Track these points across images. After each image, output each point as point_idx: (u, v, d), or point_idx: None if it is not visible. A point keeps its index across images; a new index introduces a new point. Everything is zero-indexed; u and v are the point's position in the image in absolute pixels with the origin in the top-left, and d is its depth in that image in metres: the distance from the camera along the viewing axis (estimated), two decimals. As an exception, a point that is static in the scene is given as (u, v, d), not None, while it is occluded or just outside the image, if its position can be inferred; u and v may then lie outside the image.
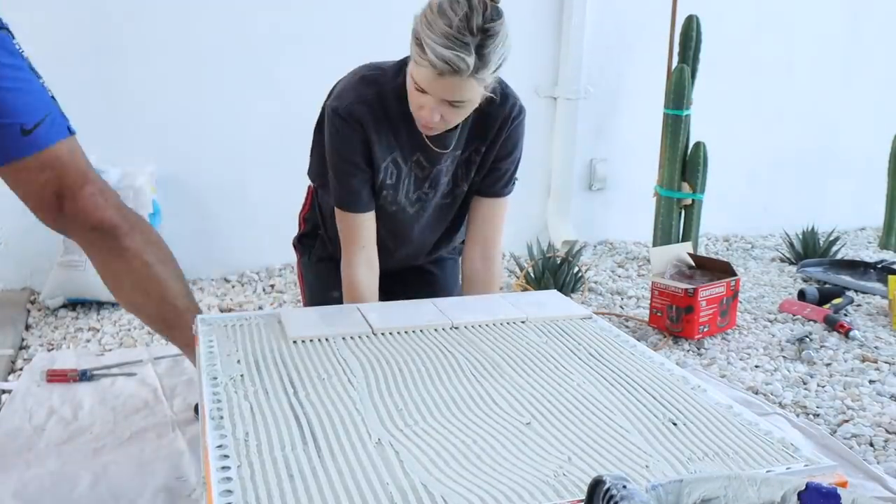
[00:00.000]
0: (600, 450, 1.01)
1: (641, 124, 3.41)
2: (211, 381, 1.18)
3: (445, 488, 0.90)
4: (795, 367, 2.14)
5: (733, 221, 3.83)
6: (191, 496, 1.41)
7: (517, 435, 1.04)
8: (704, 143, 3.06)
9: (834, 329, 2.42)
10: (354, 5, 2.88)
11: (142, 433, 1.64)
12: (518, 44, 3.20)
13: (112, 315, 2.41)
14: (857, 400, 1.93)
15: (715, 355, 2.22)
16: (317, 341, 1.35)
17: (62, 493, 1.41)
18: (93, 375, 1.92)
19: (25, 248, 2.62)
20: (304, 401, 1.12)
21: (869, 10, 3.88)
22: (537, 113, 3.31)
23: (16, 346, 2.14)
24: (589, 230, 3.52)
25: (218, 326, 1.41)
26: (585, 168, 3.46)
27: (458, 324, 1.45)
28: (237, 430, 1.02)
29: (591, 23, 3.25)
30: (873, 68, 3.97)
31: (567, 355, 1.34)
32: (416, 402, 1.13)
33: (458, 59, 1.37)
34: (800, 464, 0.99)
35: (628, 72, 3.43)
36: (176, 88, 2.69)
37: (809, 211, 3.83)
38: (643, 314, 2.56)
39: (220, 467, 0.93)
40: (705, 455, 1.01)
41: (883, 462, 1.64)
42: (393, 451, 0.99)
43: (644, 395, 1.19)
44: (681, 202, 3.12)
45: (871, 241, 3.84)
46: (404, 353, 1.31)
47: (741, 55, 3.65)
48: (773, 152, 3.85)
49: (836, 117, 3.95)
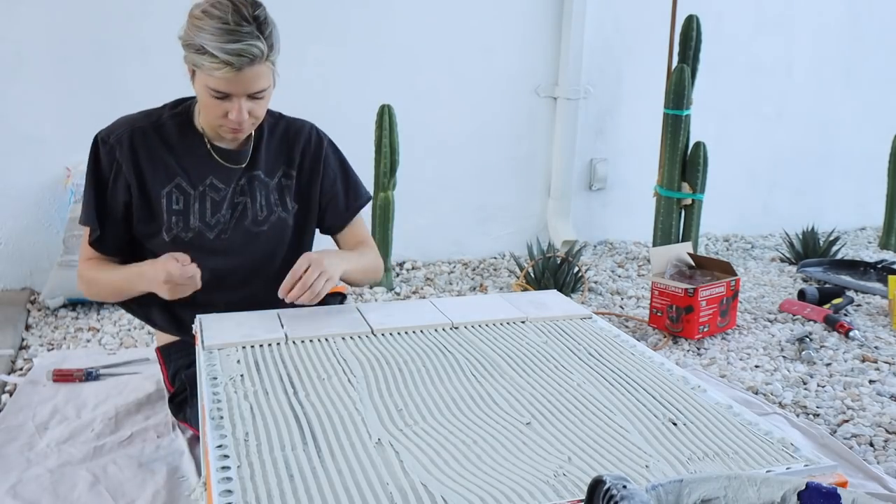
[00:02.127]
0: (600, 450, 1.01)
1: (641, 124, 3.42)
2: (211, 381, 1.18)
3: (445, 488, 0.90)
4: (795, 367, 2.14)
5: (733, 221, 3.83)
6: (191, 496, 1.41)
7: (517, 435, 1.04)
8: (704, 143, 3.06)
9: (834, 329, 2.42)
10: (355, 4, 2.88)
11: (142, 433, 1.64)
12: (518, 44, 3.26)
13: (112, 315, 2.41)
14: (857, 400, 1.93)
15: (715, 355, 2.22)
16: (317, 341, 1.35)
17: (62, 493, 1.41)
18: (99, 375, 1.92)
19: (25, 248, 2.62)
20: (304, 401, 1.12)
21: (869, 10, 3.88)
22: (537, 113, 3.31)
23: (16, 346, 2.14)
24: (589, 230, 3.52)
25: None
26: (585, 168, 3.46)
27: (458, 324, 1.45)
28: (237, 430, 1.02)
29: (591, 23, 3.26)
30: (873, 68, 3.97)
31: (567, 355, 1.34)
32: (416, 402, 1.13)
33: (250, 46, 1.40)
34: (800, 464, 0.99)
35: (628, 72, 3.43)
36: (176, 88, 2.68)
37: (809, 211, 3.83)
38: (643, 314, 2.56)
39: (220, 467, 0.93)
40: (705, 455, 1.01)
41: (883, 462, 1.64)
42: (393, 451, 0.99)
43: (644, 395, 1.19)
44: (681, 202, 3.12)
45: (871, 241, 3.83)
46: (404, 353, 1.31)
47: (741, 55, 3.65)
48: (773, 152, 3.85)
49: (836, 117, 3.95)
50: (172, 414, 1.68)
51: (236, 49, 1.39)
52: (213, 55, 1.39)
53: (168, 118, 1.60)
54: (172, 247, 1.56)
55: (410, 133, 2.82)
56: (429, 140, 3.07)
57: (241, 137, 1.58)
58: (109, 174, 1.56)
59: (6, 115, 2.53)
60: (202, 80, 1.45)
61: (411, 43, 3.01)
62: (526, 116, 3.30)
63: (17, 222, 2.60)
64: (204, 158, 1.59)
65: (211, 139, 1.59)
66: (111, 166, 1.56)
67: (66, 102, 2.59)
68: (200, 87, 1.47)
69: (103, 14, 2.58)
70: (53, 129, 2.58)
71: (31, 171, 2.58)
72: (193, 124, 1.60)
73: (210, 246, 1.60)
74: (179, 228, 1.58)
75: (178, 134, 1.59)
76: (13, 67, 2.52)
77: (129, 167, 1.55)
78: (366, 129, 2.71)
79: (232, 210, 1.61)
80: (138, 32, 2.63)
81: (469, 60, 3.12)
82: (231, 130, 1.52)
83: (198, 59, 1.42)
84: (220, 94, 1.45)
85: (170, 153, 1.58)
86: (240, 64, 1.40)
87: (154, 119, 1.59)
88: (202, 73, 1.44)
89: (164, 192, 1.57)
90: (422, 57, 3.05)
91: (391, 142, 2.69)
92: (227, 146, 1.61)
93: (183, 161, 1.58)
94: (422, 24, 3.01)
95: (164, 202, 1.57)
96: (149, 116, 1.60)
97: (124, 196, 1.56)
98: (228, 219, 1.61)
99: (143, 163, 1.55)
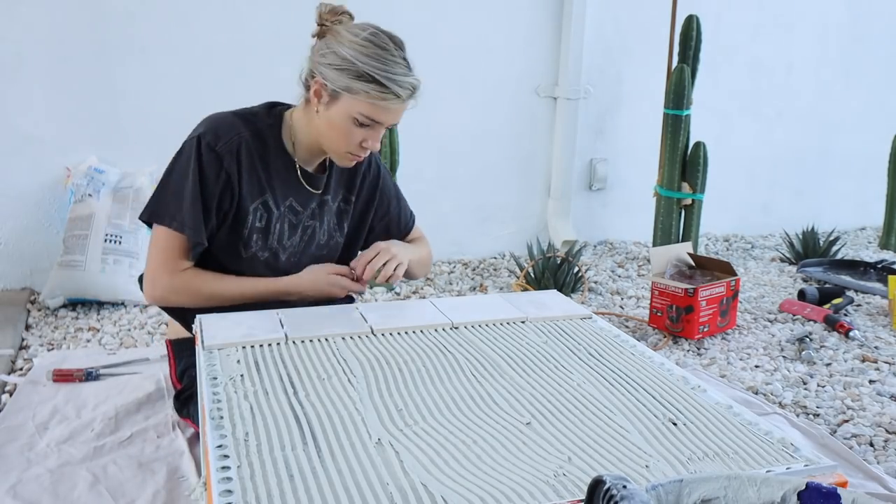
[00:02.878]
0: (600, 450, 1.01)
1: (641, 124, 3.42)
2: (211, 381, 1.18)
3: (445, 488, 0.90)
4: (795, 367, 2.14)
5: (733, 221, 3.84)
6: (191, 496, 1.41)
7: (517, 435, 1.04)
8: (704, 143, 3.06)
9: (834, 329, 2.42)
10: (355, 5, 2.88)
11: (142, 433, 1.64)
12: (518, 44, 3.26)
13: (112, 315, 2.41)
14: (857, 400, 1.93)
15: (715, 355, 2.22)
16: (317, 341, 1.35)
17: (62, 493, 1.41)
18: (99, 375, 1.92)
19: (25, 248, 2.62)
20: (304, 401, 1.12)
21: (869, 11, 3.89)
22: (537, 113, 3.31)
23: (16, 346, 2.14)
24: (589, 230, 3.52)
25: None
26: (585, 168, 3.46)
27: (458, 324, 1.45)
28: (237, 430, 1.02)
29: (591, 23, 3.26)
30: (873, 68, 3.97)
31: (567, 355, 1.34)
32: (416, 402, 1.13)
33: (417, 81, 1.48)
34: (800, 464, 0.99)
35: (628, 72, 3.43)
36: (176, 88, 2.69)
37: (809, 211, 3.84)
38: (643, 314, 2.56)
39: (220, 467, 0.93)
40: (705, 455, 1.01)
41: (883, 462, 1.65)
42: (393, 451, 0.99)
43: (644, 395, 1.19)
44: (681, 202, 3.13)
45: (871, 241, 3.84)
46: (404, 353, 1.31)
47: (741, 55, 3.65)
48: (773, 152, 3.85)
49: (836, 117, 3.95)
50: (175, 410, 1.68)
51: (409, 82, 1.45)
52: (381, 84, 1.42)
53: (265, 128, 1.56)
54: (246, 263, 1.58)
55: (410, 133, 2.82)
56: (429, 140, 3.07)
57: (350, 165, 1.59)
58: (216, 184, 1.50)
59: (6, 115, 2.53)
60: (351, 105, 1.45)
61: (411, 43, 2.99)
62: (526, 116, 3.30)
63: (17, 222, 2.60)
64: (290, 179, 1.59)
65: (300, 160, 1.59)
66: (218, 175, 1.49)
67: (66, 102, 2.59)
68: (343, 112, 1.46)
69: (103, 14, 2.58)
70: (53, 129, 2.58)
71: (31, 171, 2.58)
72: (282, 139, 1.58)
73: (282, 268, 1.62)
74: (258, 247, 1.58)
75: (272, 147, 1.56)
76: (13, 67, 2.52)
77: (235, 177, 1.51)
78: (366, 129, 2.71)
79: (303, 234, 1.63)
80: (138, 32, 2.63)
81: (469, 61, 3.12)
82: (354, 157, 1.54)
83: (357, 84, 1.43)
84: (368, 122, 1.47)
85: (263, 167, 1.55)
86: (407, 96, 1.46)
87: (253, 127, 1.55)
88: (354, 99, 1.44)
89: (252, 206, 1.55)
90: (422, 57, 3.03)
91: (391, 142, 2.69)
92: (310, 169, 1.61)
93: (272, 178, 1.57)
94: (422, 25, 3.01)
95: (250, 218, 1.55)
96: (248, 122, 1.55)
97: (227, 206, 1.53)
98: (298, 242, 1.63)
99: (244, 173, 1.52)
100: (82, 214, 2.47)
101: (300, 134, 1.56)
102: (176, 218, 1.49)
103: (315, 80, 1.48)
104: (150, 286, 1.54)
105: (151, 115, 2.67)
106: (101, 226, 2.46)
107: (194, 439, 1.60)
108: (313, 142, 1.56)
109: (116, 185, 2.55)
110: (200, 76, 2.71)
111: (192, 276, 1.54)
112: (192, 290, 1.53)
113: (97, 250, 2.44)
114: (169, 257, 1.51)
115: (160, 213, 1.51)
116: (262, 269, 1.60)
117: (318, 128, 1.52)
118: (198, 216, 1.49)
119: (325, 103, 1.48)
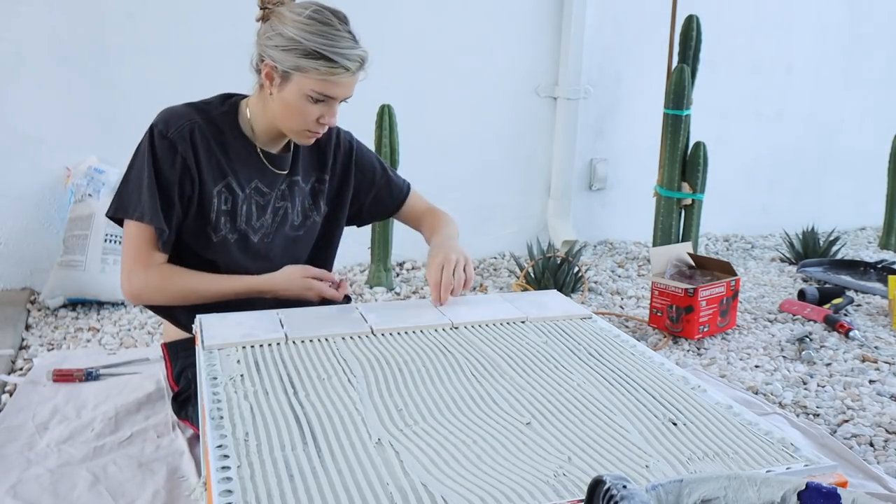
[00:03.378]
0: (600, 450, 1.01)
1: (641, 124, 3.42)
2: (211, 381, 1.18)
3: (445, 488, 0.90)
4: (795, 367, 2.14)
5: (733, 221, 3.84)
6: (191, 496, 1.41)
7: (517, 435, 1.04)
8: (704, 143, 3.06)
9: (834, 329, 2.42)
10: (355, 5, 2.87)
11: (142, 433, 1.64)
12: (518, 44, 3.26)
13: (112, 315, 2.41)
14: (857, 400, 1.93)
15: (715, 355, 2.22)
16: (317, 341, 1.35)
17: (62, 493, 1.41)
18: (99, 375, 1.92)
19: (25, 248, 2.62)
20: (304, 401, 1.12)
21: (869, 10, 3.89)
22: (537, 113, 3.31)
23: (16, 346, 2.14)
24: (589, 230, 3.52)
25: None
26: (585, 168, 3.46)
27: (458, 324, 1.45)
28: (237, 430, 1.02)
29: (591, 23, 3.26)
30: (873, 68, 3.97)
31: (567, 355, 1.34)
32: (416, 402, 1.13)
33: (363, 52, 1.48)
34: (800, 464, 0.99)
35: (628, 72, 3.43)
36: (176, 88, 2.68)
37: (809, 211, 3.83)
38: (643, 314, 2.56)
39: (220, 467, 0.93)
40: (705, 455, 1.01)
41: (883, 462, 1.64)
42: (393, 451, 0.99)
43: (644, 395, 1.19)
44: (681, 202, 3.13)
45: (871, 241, 3.84)
46: (404, 353, 1.31)
47: (741, 55, 3.65)
48: (773, 152, 3.86)
49: (836, 117, 3.95)
50: (174, 412, 1.68)
51: (356, 55, 1.46)
52: (329, 59, 1.44)
53: (218, 115, 1.58)
54: (218, 247, 1.58)
55: (410, 133, 2.82)
56: (429, 140, 3.07)
57: (309, 143, 1.59)
58: (172, 170, 1.51)
59: (6, 115, 2.53)
60: (303, 83, 1.46)
61: (411, 43, 3.01)
62: (526, 116, 3.30)
63: (17, 222, 2.60)
64: (252, 161, 1.59)
65: (261, 143, 1.60)
66: (174, 162, 1.51)
67: (66, 102, 2.59)
68: (295, 91, 1.47)
69: (103, 14, 2.59)
70: (53, 129, 2.58)
71: (31, 171, 2.58)
72: (240, 125, 1.59)
73: (254, 249, 1.62)
74: (227, 229, 1.59)
75: (228, 133, 1.58)
76: (13, 67, 2.52)
77: (192, 162, 1.52)
78: (366, 129, 2.71)
79: (273, 215, 1.63)
80: (138, 32, 2.63)
81: (469, 60, 3.12)
82: (313, 134, 1.55)
83: (305, 62, 1.44)
84: (322, 98, 1.48)
85: (222, 152, 1.56)
86: (356, 69, 1.47)
87: (206, 115, 1.56)
88: (305, 77, 1.45)
89: (215, 190, 1.56)
90: (422, 57, 3.05)
91: (391, 142, 2.69)
92: (272, 151, 1.61)
93: (233, 162, 1.58)
94: (422, 24, 3.01)
95: (215, 201, 1.56)
96: (200, 111, 1.57)
97: (189, 192, 1.54)
98: (270, 223, 1.63)
99: (202, 158, 1.54)
100: (82, 214, 2.48)
101: (258, 119, 1.57)
102: (137, 209, 1.50)
103: (265, 64, 1.49)
104: (126, 282, 1.55)
105: (151, 115, 2.62)
106: (101, 226, 2.46)
107: (194, 439, 1.60)
108: (271, 125, 1.56)
109: (116, 185, 2.55)
110: (200, 76, 2.70)
111: (167, 271, 1.55)
112: (167, 284, 1.54)
113: (97, 250, 2.44)
114: (141, 251, 1.53)
115: (124, 207, 1.53)
116: (235, 251, 1.60)
117: (273, 110, 1.53)
118: (156, 204, 1.50)
119: (277, 85, 1.49)
